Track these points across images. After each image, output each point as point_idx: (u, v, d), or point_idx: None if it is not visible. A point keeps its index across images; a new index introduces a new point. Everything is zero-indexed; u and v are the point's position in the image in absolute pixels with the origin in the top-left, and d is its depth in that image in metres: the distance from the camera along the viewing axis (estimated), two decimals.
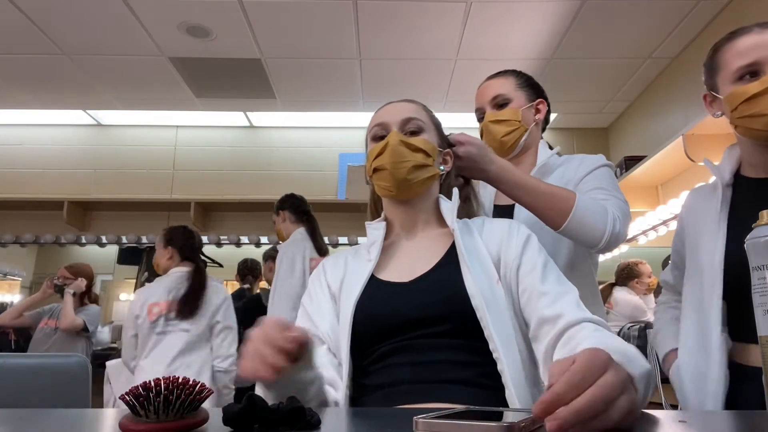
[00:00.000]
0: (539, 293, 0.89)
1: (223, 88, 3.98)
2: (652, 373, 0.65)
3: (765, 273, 0.62)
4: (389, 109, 1.07)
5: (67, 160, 4.60)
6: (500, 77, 1.40)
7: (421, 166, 1.00)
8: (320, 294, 1.02)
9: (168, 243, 2.64)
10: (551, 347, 0.82)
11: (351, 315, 0.92)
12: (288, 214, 2.96)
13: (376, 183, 1.04)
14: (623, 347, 0.69)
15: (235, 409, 0.53)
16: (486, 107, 1.38)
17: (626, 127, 4.31)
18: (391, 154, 0.99)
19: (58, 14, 3.04)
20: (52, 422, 0.64)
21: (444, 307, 0.90)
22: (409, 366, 0.87)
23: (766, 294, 0.62)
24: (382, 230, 1.04)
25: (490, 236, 1.00)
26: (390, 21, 3.13)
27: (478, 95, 1.41)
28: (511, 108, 1.35)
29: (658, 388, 2.37)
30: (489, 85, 1.40)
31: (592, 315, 0.84)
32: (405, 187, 1.00)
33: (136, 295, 2.59)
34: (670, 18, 3.10)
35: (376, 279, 0.98)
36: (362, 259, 1.03)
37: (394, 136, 1.00)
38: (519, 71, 1.42)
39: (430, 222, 1.05)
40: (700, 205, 1.14)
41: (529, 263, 0.93)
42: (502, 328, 0.87)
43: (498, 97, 1.36)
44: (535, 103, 1.39)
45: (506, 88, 1.37)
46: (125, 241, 4.39)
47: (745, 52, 1.00)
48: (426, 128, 1.04)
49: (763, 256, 0.62)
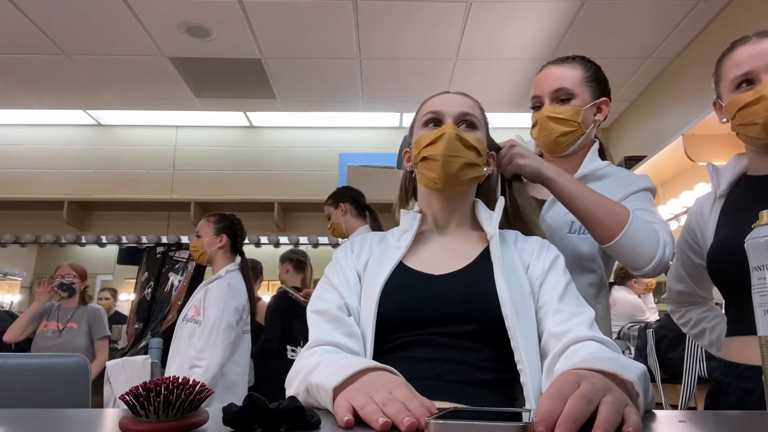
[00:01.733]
0: (554, 310, 0.89)
1: (223, 88, 3.98)
2: (647, 372, 0.68)
3: (765, 273, 0.62)
4: (446, 99, 1.04)
5: (67, 160, 4.60)
6: (566, 65, 1.27)
7: (472, 165, 0.98)
8: (347, 270, 0.99)
9: (222, 230, 2.47)
10: (555, 360, 0.83)
11: (377, 299, 0.90)
12: (350, 207, 2.73)
13: (422, 172, 1.00)
14: (616, 357, 0.71)
15: (235, 409, 0.53)
16: (545, 98, 1.25)
17: (626, 127, 4.31)
18: (446, 146, 0.96)
19: (58, 14, 3.04)
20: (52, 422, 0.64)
21: (472, 308, 0.89)
22: (427, 361, 0.87)
23: (766, 294, 0.62)
24: (418, 220, 1.03)
25: (523, 250, 1.00)
26: (390, 21, 3.13)
27: (539, 82, 1.27)
28: (573, 106, 1.23)
29: (658, 388, 2.37)
30: (552, 72, 1.27)
31: (602, 335, 0.84)
32: (452, 182, 0.98)
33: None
34: (670, 18, 3.10)
35: (405, 267, 0.96)
36: (390, 245, 1.02)
37: (451, 128, 0.97)
38: (588, 59, 1.29)
39: (464, 222, 1.04)
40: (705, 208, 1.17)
41: (552, 281, 0.94)
42: (530, 340, 0.87)
43: (561, 91, 1.23)
44: (599, 102, 1.26)
45: (571, 81, 1.24)
46: (125, 241, 4.39)
47: (741, 62, 1.03)
48: (479, 126, 1.03)
49: (763, 256, 0.62)
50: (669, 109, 3.62)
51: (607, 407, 0.52)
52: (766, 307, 0.61)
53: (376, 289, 0.92)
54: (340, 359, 0.78)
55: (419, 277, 0.95)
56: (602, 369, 0.62)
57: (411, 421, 0.54)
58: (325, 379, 0.70)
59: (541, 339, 0.89)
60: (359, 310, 0.94)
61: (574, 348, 0.81)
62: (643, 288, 3.50)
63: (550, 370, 0.83)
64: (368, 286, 0.95)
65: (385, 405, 0.58)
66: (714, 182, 1.13)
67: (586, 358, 0.71)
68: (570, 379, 0.57)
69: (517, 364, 0.85)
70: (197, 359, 2.16)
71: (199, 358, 2.16)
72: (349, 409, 0.60)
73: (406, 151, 1.09)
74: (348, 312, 0.92)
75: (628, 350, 2.72)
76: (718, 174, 1.14)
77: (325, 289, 0.97)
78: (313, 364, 0.79)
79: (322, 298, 0.95)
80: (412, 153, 1.05)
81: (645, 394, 0.63)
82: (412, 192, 1.13)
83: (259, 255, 4.25)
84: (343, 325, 0.89)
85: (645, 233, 1.08)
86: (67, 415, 0.74)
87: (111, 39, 3.30)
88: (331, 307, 0.92)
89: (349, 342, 0.87)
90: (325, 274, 1.00)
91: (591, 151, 1.30)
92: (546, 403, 0.52)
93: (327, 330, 0.89)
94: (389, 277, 0.93)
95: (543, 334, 0.89)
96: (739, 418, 0.66)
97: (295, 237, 4.40)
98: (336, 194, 2.82)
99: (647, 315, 3.33)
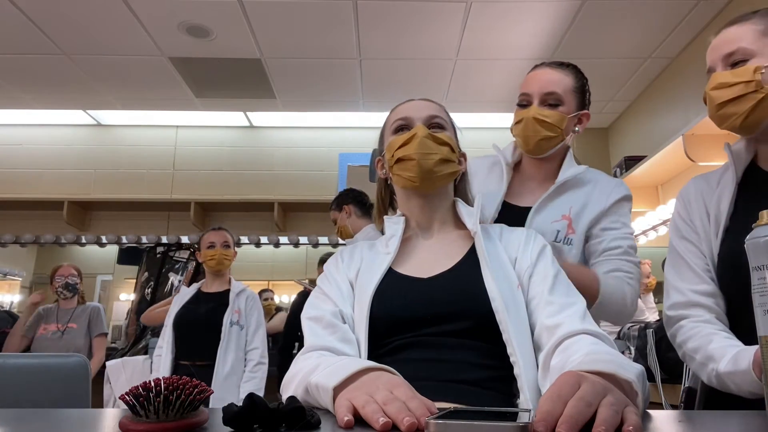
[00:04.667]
0: (546, 302, 0.90)
1: (223, 88, 3.98)
2: (645, 372, 0.68)
3: (765, 273, 0.62)
4: (412, 105, 1.07)
5: (67, 160, 4.60)
6: (560, 71, 1.28)
7: (446, 161, 1.01)
8: (339, 278, 1.01)
9: (341, 204, 2.73)
10: (549, 355, 0.83)
11: (368, 305, 0.92)
12: (354, 208, 2.76)
13: (398, 174, 1.02)
14: (614, 358, 0.71)
15: (235, 409, 0.53)
16: (534, 98, 1.25)
17: (626, 127, 4.31)
18: (419, 145, 0.99)
19: (58, 14, 3.04)
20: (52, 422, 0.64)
21: (462, 306, 0.90)
22: (422, 362, 0.88)
23: (766, 294, 0.62)
24: (402, 224, 1.04)
25: (508, 243, 1.01)
26: (390, 21, 3.13)
27: (531, 80, 1.27)
28: (560, 112, 1.24)
29: (658, 388, 2.37)
30: (546, 73, 1.27)
31: (595, 327, 0.84)
32: (429, 178, 1.00)
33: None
34: (670, 18, 3.10)
35: (394, 272, 0.98)
36: (379, 252, 1.04)
37: (421, 128, 1.01)
38: (578, 70, 1.31)
39: (446, 222, 1.05)
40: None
41: (541, 273, 0.95)
42: (521, 333, 0.88)
43: (551, 95, 1.24)
44: (581, 114, 1.29)
45: (563, 87, 1.25)
46: (125, 241, 4.39)
47: (707, 56, 1.03)
48: (447, 128, 1.06)
49: (764, 256, 0.62)
50: (669, 109, 3.62)
51: (606, 408, 0.52)
52: (766, 307, 0.61)
53: (367, 295, 0.93)
54: (339, 360, 0.78)
55: (408, 281, 0.96)
56: (601, 370, 0.63)
57: (411, 421, 0.54)
58: (325, 379, 0.70)
59: (533, 331, 0.90)
60: (353, 317, 0.95)
61: (568, 342, 0.82)
62: (643, 288, 3.50)
63: (545, 366, 0.84)
64: (360, 292, 0.96)
65: (386, 404, 0.58)
66: (733, 167, 1.04)
67: (584, 360, 0.71)
68: (570, 380, 0.57)
69: (509, 357, 0.85)
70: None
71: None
72: (349, 409, 0.60)
73: (378, 160, 1.11)
74: (342, 319, 0.94)
75: (628, 350, 2.72)
76: (738, 159, 1.04)
77: (318, 298, 0.99)
78: (311, 366, 0.80)
79: (316, 306, 0.97)
80: (385, 159, 1.07)
81: (644, 390, 0.64)
82: (389, 202, 1.15)
83: (258, 255, 4.26)
84: (338, 330, 0.91)
85: (614, 307, 1.19)
86: (67, 415, 0.74)
87: (111, 39, 3.30)
88: (325, 314, 0.94)
89: (345, 347, 0.88)
90: (318, 285, 1.02)
91: (568, 156, 1.32)
92: (546, 404, 0.53)
93: (322, 335, 0.90)
94: (380, 283, 0.95)
95: (535, 327, 0.90)
96: (739, 418, 0.66)
97: (295, 237, 4.40)
98: (339, 198, 2.85)
99: (647, 315, 3.33)
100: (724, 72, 0.98)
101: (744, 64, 0.96)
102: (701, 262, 1.03)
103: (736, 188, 1.03)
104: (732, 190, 1.02)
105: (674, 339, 1.05)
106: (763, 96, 0.93)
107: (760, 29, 0.96)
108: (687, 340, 0.99)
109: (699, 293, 1.01)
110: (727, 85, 0.96)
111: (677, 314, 1.03)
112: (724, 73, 0.98)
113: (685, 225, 1.08)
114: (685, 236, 1.07)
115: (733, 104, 0.96)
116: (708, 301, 1.00)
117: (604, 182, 1.31)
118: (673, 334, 1.05)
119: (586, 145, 4.61)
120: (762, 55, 0.95)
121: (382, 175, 1.11)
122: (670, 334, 1.06)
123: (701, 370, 0.95)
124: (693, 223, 1.07)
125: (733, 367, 0.86)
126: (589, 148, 4.58)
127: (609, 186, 1.29)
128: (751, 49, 0.96)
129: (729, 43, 0.98)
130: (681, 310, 1.02)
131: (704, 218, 1.05)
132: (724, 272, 1.00)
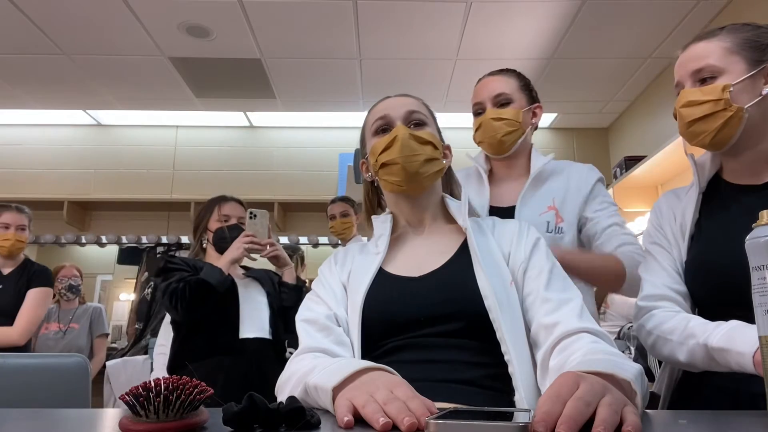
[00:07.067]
0: (542, 299, 0.89)
1: (223, 88, 3.98)
2: (643, 371, 0.68)
3: (765, 273, 0.62)
4: (390, 103, 1.05)
5: (66, 160, 4.60)
6: (503, 75, 1.40)
7: (431, 160, 0.99)
8: (333, 282, 1.01)
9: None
10: (547, 355, 0.83)
11: (360, 307, 0.91)
12: None
13: (384, 178, 1.01)
14: (613, 357, 0.70)
15: (236, 409, 0.53)
16: (487, 103, 1.37)
17: (626, 127, 4.31)
18: (401, 148, 0.97)
19: (58, 14, 3.04)
20: (52, 422, 0.64)
21: (455, 306, 0.89)
22: (417, 363, 0.87)
23: (766, 294, 0.62)
24: (390, 223, 1.03)
25: (501, 237, 1.00)
26: (390, 21, 3.13)
27: (479, 90, 1.40)
28: (513, 108, 1.35)
29: None
30: (491, 81, 1.39)
31: (593, 325, 0.84)
32: (416, 181, 0.98)
33: None
34: (670, 18, 3.10)
35: (385, 272, 0.97)
36: (369, 253, 1.03)
37: (402, 129, 0.98)
38: (519, 72, 1.43)
39: (437, 218, 1.04)
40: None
41: (536, 267, 0.93)
42: (515, 330, 0.87)
43: (501, 96, 1.36)
44: (533, 107, 1.40)
45: (509, 88, 1.37)
46: (125, 241, 4.39)
47: (675, 71, 1.05)
48: (428, 122, 1.04)
49: (763, 256, 0.62)
50: (669, 109, 3.61)
51: (605, 408, 0.52)
52: (766, 307, 0.61)
53: (359, 297, 0.93)
54: (336, 361, 0.78)
55: (400, 281, 0.95)
56: (600, 371, 0.63)
57: (411, 421, 0.54)
58: (324, 379, 0.70)
59: (530, 329, 0.89)
60: (347, 320, 0.95)
61: (566, 342, 0.81)
62: None
63: (544, 366, 0.83)
64: (352, 295, 0.96)
65: (386, 404, 0.58)
66: (696, 177, 1.08)
67: (582, 360, 0.71)
68: (569, 381, 0.57)
69: (504, 355, 0.85)
70: None
71: None
72: (349, 408, 0.60)
73: (363, 162, 1.10)
74: (337, 322, 0.94)
75: (628, 350, 2.72)
76: (701, 170, 1.09)
77: (313, 301, 0.99)
78: (307, 368, 0.80)
79: (310, 309, 0.97)
80: (369, 163, 1.05)
81: (643, 390, 0.64)
82: (377, 202, 1.14)
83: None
84: (333, 333, 0.91)
85: (635, 276, 1.20)
86: (67, 415, 0.74)
87: (111, 39, 3.30)
88: (319, 317, 0.93)
89: (339, 349, 0.88)
90: (312, 289, 1.02)
91: (533, 151, 1.42)
92: (545, 404, 0.53)
93: (317, 338, 0.90)
94: (371, 285, 0.94)
95: (532, 324, 0.89)
96: (739, 418, 0.66)
97: (295, 237, 4.40)
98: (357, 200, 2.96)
99: None
100: (693, 89, 1.00)
101: (712, 81, 0.98)
102: (673, 264, 1.07)
103: (700, 198, 1.06)
104: (696, 199, 1.06)
105: (643, 327, 1.04)
106: (731, 114, 0.96)
107: (727, 46, 0.99)
108: (661, 324, 0.99)
109: (672, 289, 1.03)
110: (696, 103, 0.99)
111: (649, 305, 1.04)
112: (694, 91, 1.00)
113: (656, 232, 1.12)
114: (657, 242, 1.11)
115: (703, 122, 0.98)
116: (679, 297, 1.02)
117: (577, 168, 1.41)
118: (642, 324, 1.04)
119: (586, 145, 4.61)
120: (730, 72, 0.97)
121: (368, 178, 1.09)
122: (639, 324, 1.06)
123: (678, 349, 0.94)
124: (663, 230, 1.11)
125: (726, 344, 0.84)
126: (589, 148, 4.58)
127: (583, 171, 1.40)
128: (719, 66, 0.98)
129: (697, 59, 1.01)
130: (653, 302, 1.04)
131: (674, 226, 1.09)
132: (695, 277, 1.01)
